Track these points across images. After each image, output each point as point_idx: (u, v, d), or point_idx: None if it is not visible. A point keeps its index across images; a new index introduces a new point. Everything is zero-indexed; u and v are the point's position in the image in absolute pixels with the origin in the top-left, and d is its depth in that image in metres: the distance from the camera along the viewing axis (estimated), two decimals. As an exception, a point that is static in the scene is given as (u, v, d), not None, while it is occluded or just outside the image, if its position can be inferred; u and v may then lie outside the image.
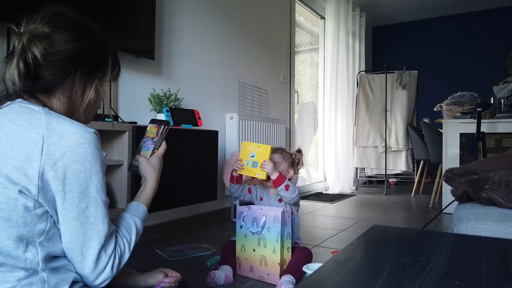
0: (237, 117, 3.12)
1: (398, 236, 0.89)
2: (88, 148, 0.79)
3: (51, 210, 0.79)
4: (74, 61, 0.85)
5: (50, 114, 0.81)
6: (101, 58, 0.91)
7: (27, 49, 0.80)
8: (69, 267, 0.82)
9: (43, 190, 0.76)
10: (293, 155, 1.94)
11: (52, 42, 0.82)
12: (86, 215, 0.80)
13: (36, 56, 0.80)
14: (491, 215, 1.26)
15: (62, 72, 0.84)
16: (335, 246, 2.34)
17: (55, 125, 0.79)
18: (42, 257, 0.78)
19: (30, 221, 0.77)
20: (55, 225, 0.80)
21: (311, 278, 0.63)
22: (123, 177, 1.93)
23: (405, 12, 6.08)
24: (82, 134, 0.79)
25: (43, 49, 0.81)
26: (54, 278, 0.78)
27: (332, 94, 4.93)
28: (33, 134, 0.77)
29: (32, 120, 0.78)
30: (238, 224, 1.83)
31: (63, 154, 0.77)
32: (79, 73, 0.87)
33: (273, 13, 3.99)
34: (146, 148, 1.09)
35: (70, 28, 0.85)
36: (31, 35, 0.81)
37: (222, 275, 1.67)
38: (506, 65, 5.79)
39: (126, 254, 0.87)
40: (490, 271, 0.65)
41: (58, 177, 0.77)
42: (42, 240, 0.78)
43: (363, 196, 4.63)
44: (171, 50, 2.73)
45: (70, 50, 0.84)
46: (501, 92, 3.18)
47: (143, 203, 1.00)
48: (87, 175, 0.80)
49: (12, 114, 0.80)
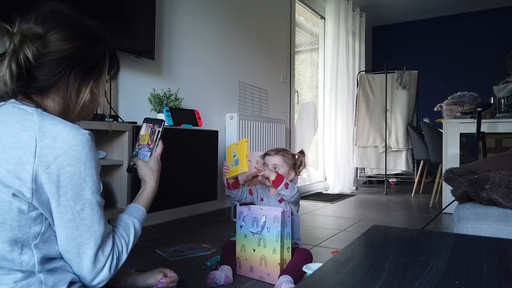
0: (237, 117, 3.12)
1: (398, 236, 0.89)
2: (82, 150, 0.78)
3: (45, 213, 0.78)
4: (69, 62, 0.83)
5: (43, 115, 0.79)
6: (97, 58, 0.89)
7: (19, 50, 0.79)
8: (66, 268, 0.81)
9: (37, 193, 0.76)
10: (295, 156, 1.93)
11: (46, 42, 0.81)
12: (81, 217, 0.79)
13: (28, 57, 0.79)
14: (491, 215, 1.26)
15: (56, 72, 0.82)
16: (335, 246, 2.34)
17: (48, 127, 0.77)
18: (38, 259, 0.77)
19: (25, 224, 0.76)
20: (50, 227, 0.80)
21: (311, 278, 0.63)
22: (123, 177, 1.93)
23: (405, 12, 6.08)
24: (76, 136, 0.78)
25: (36, 50, 0.79)
26: (52, 278, 0.78)
27: (332, 94, 4.93)
28: (26, 137, 0.76)
29: (25, 122, 0.77)
30: (238, 224, 1.83)
31: (56, 156, 0.76)
32: (74, 74, 0.85)
33: (273, 13, 3.99)
34: (143, 156, 1.09)
35: (64, 27, 0.83)
36: (22, 36, 0.79)
37: (222, 275, 1.67)
38: (506, 65, 5.79)
39: (124, 254, 0.87)
40: (490, 271, 0.65)
41: (52, 180, 0.76)
42: (38, 243, 0.78)
43: (363, 196, 4.63)
44: (171, 50, 2.73)
45: (65, 50, 0.82)
46: (501, 92, 3.18)
47: (142, 205, 1.00)
48: (81, 177, 0.79)
49: (4, 116, 0.79)
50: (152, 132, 1.11)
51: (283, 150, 1.93)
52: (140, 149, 1.11)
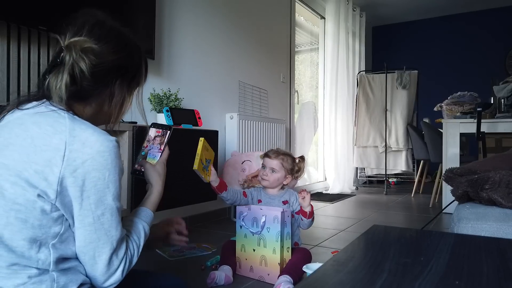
0: (237, 117, 3.12)
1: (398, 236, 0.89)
2: (108, 156, 0.81)
3: (67, 214, 0.80)
4: (115, 72, 0.88)
5: (74, 119, 0.82)
6: (137, 68, 0.95)
7: (75, 63, 0.82)
8: (79, 269, 0.83)
9: (61, 195, 0.78)
10: (295, 160, 1.91)
11: (97, 54, 0.84)
12: (101, 221, 0.81)
13: (83, 70, 0.83)
14: (491, 215, 1.26)
15: (103, 83, 0.87)
16: (335, 246, 2.34)
17: (79, 131, 0.80)
18: (54, 258, 0.78)
19: (46, 224, 0.78)
20: (69, 229, 0.81)
21: (311, 278, 0.63)
22: (123, 177, 1.92)
23: (405, 12, 6.08)
24: (104, 143, 0.80)
25: (90, 64, 0.83)
26: (64, 278, 0.79)
27: (332, 94, 4.93)
28: (56, 140, 0.78)
29: (56, 125, 0.79)
30: (238, 224, 1.83)
31: (84, 161, 0.78)
32: (119, 84, 0.90)
33: (273, 13, 3.99)
34: (153, 156, 1.10)
35: (111, 39, 0.88)
36: (81, 51, 0.83)
37: (222, 275, 1.67)
38: (506, 65, 5.79)
39: (135, 258, 0.89)
40: (490, 271, 0.65)
41: (77, 184, 0.78)
42: (55, 243, 0.79)
43: (363, 196, 4.63)
44: (171, 50, 2.73)
45: (112, 61, 0.87)
46: (501, 92, 3.18)
47: (150, 208, 1.03)
48: (105, 182, 0.81)
49: (37, 117, 0.81)
50: (161, 135, 1.11)
51: (284, 154, 1.89)
52: (149, 150, 1.11)
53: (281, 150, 1.93)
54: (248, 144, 3.22)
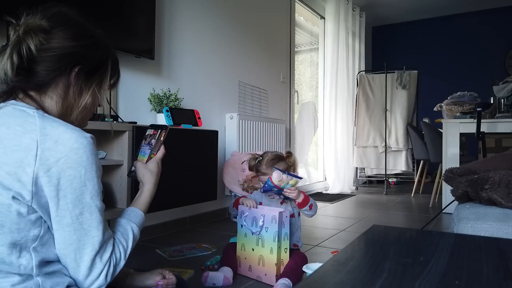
0: (237, 117, 3.12)
1: (398, 236, 0.89)
2: (83, 154, 0.78)
3: (44, 216, 0.77)
4: (70, 59, 0.83)
5: (44, 117, 0.79)
6: (99, 61, 0.90)
7: (22, 40, 0.79)
8: (64, 272, 0.80)
9: (36, 195, 0.75)
10: (285, 158, 1.92)
11: (49, 37, 0.81)
12: (80, 221, 0.78)
13: (30, 48, 0.79)
14: (491, 215, 1.26)
15: (56, 68, 0.82)
16: (335, 246, 2.34)
17: (50, 129, 0.77)
18: (36, 262, 0.76)
19: (24, 227, 0.75)
20: (49, 231, 0.79)
21: (311, 278, 0.63)
22: (123, 177, 1.92)
23: (405, 12, 6.08)
24: (77, 139, 0.78)
25: (39, 43, 0.79)
26: (49, 282, 0.77)
27: (332, 94, 4.93)
28: (27, 139, 0.75)
29: (26, 124, 0.77)
30: (239, 223, 1.83)
31: (57, 159, 0.75)
32: (75, 74, 0.85)
33: (273, 13, 3.99)
34: (143, 153, 1.08)
35: (69, 27, 0.84)
36: (27, 27, 0.79)
37: (220, 276, 1.66)
38: (506, 65, 5.79)
39: (121, 262, 0.86)
40: (490, 271, 0.65)
41: (52, 183, 0.75)
42: (36, 246, 0.77)
43: (363, 196, 4.63)
44: (171, 50, 2.73)
45: (67, 47, 0.83)
46: (501, 92, 3.19)
47: (140, 208, 0.98)
48: (81, 181, 0.78)
49: (5, 118, 0.78)
50: (157, 135, 1.10)
51: (272, 159, 1.88)
52: (140, 149, 1.10)
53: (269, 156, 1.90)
54: (248, 144, 3.22)
